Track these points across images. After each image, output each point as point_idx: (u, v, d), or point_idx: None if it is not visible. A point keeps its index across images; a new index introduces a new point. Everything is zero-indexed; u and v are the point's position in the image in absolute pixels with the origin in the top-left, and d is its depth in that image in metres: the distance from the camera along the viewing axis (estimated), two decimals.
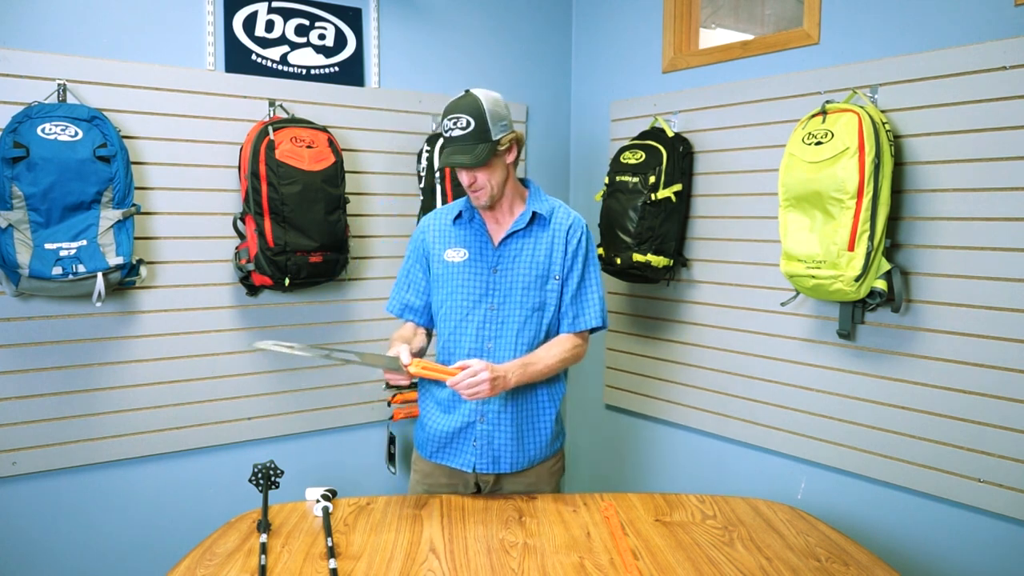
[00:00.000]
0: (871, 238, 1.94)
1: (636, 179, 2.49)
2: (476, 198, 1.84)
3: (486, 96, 1.80)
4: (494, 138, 1.78)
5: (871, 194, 1.93)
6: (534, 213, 1.88)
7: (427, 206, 2.61)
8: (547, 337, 1.91)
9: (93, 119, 2.03)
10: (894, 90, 2.07)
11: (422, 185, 2.64)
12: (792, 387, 2.38)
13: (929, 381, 2.05)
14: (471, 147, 1.76)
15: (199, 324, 2.41)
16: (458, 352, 1.88)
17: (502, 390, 1.77)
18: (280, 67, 2.49)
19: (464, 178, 1.81)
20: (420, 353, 1.91)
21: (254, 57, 2.45)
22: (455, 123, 1.78)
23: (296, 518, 1.70)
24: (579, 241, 1.90)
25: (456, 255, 1.90)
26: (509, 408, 1.88)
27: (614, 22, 2.98)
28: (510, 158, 1.85)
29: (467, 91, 1.81)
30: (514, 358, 1.84)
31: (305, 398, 2.63)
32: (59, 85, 2.10)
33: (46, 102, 2.04)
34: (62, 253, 1.97)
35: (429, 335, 2.01)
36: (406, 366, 1.75)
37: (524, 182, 1.96)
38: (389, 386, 2.72)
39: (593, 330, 1.94)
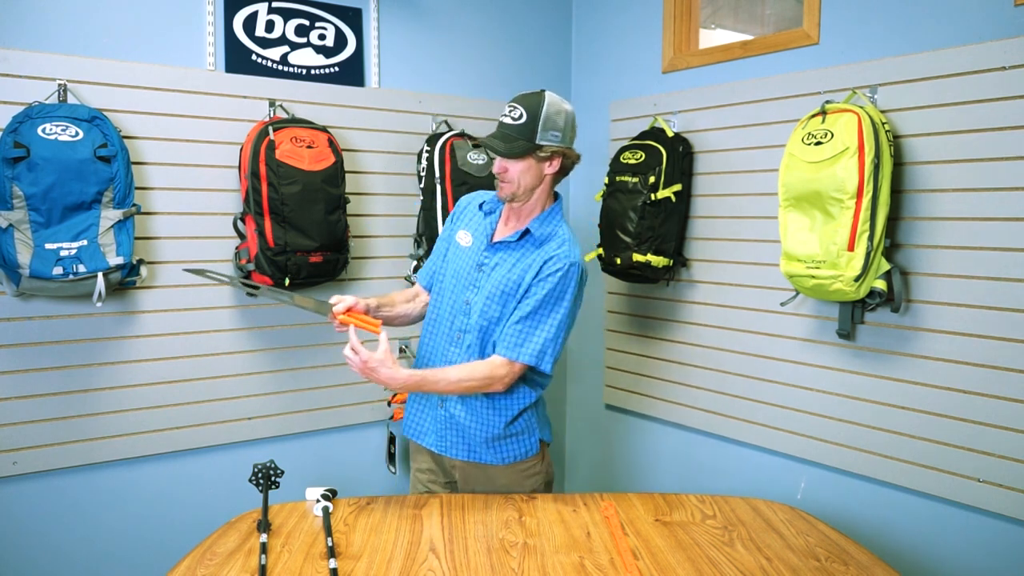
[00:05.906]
0: (871, 238, 1.94)
1: (636, 179, 2.50)
2: (500, 188, 1.86)
3: (553, 101, 1.80)
4: (538, 141, 1.79)
5: (871, 194, 1.93)
6: (527, 231, 1.87)
7: (427, 206, 2.61)
8: (482, 353, 1.86)
9: (93, 119, 2.03)
10: (894, 90, 2.07)
11: (422, 185, 2.64)
12: (792, 387, 2.38)
13: (929, 381, 2.05)
14: (512, 138, 1.80)
15: (199, 324, 2.41)
16: (430, 325, 1.96)
17: (372, 380, 1.74)
18: (280, 67, 2.49)
19: (496, 165, 1.84)
20: (395, 315, 1.99)
21: (254, 57, 2.45)
22: (510, 112, 1.82)
23: (296, 518, 1.70)
24: (552, 274, 1.80)
25: (465, 239, 1.95)
26: (467, 397, 1.90)
27: (614, 22, 2.98)
28: (549, 169, 1.84)
29: (541, 90, 1.83)
30: (446, 357, 1.90)
31: (305, 398, 2.63)
32: (59, 85, 2.10)
33: (46, 102, 2.04)
34: (63, 253, 1.97)
35: None
36: (334, 310, 1.78)
37: (555, 199, 1.93)
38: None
39: (532, 369, 1.84)
